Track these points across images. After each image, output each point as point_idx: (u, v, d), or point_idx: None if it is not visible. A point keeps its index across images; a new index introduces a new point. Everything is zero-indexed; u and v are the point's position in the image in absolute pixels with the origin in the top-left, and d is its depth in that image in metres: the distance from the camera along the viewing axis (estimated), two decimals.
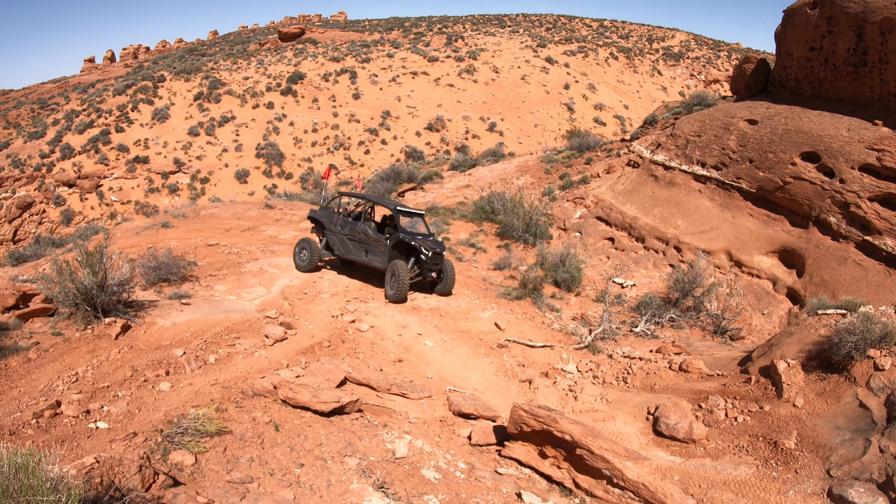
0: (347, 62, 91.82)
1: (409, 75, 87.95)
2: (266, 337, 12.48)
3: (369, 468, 7.96)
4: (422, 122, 76.73)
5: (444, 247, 18.07)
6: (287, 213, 25.03)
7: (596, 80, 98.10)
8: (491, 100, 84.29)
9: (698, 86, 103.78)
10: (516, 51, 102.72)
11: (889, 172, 18.09)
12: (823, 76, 21.71)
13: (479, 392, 12.75)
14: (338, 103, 78.78)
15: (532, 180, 30.79)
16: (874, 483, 8.45)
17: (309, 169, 65.58)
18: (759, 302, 19.20)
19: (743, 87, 26.67)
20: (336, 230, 18.48)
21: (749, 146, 22.04)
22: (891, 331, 10.88)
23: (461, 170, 38.17)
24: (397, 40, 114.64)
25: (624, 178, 26.16)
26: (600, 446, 8.52)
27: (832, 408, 10.44)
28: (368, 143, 72.07)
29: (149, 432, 7.71)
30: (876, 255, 17.70)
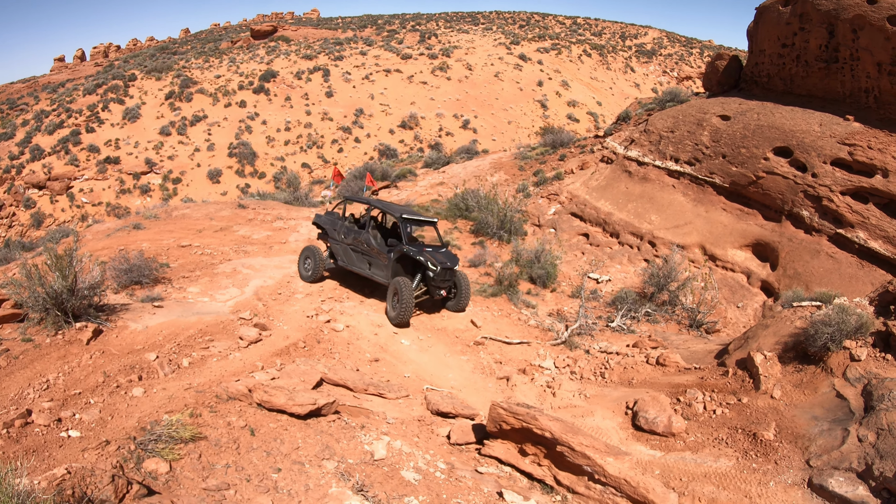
0: (320, 60, 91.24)
1: (382, 73, 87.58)
2: (240, 339, 12.29)
3: (348, 471, 7.85)
4: (395, 120, 76.45)
5: (456, 260, 16.45)
6: (260, 213, 24.79)
7: (569, 77, 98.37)
8: (464, 97, 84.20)
9: (671, 82, 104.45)
10: (490, 48, 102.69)
11: (861, 167, 18.27)
12: (795, 72, 21.88)
13: (457, 390, 12.67)
14: (311, 101, 78.26)
15: (506, 177, 30.79)
16: (854, 472, 8.50)
17: (282, 168, 65.06)
18: (734, 295, 19.31)
19: (715, 83, 26.84)
20: (339, 238, 17.16)
21: (722, 141, 22.17)
22: (866, 322, 10.95)
23: (435, 167, 38.12)
24: (370, 38, 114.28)
25: (598, 174, 26.21)
26: (580, 443, 8.46)
27: (810, 399, 10.50)
28: (342, 141, 71.67)
29: (122, 440, 7.55)
30: (848, 247, 17.86)
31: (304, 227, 22.82)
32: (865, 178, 18.09)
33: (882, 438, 8.77)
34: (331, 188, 25.51)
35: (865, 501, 7.96)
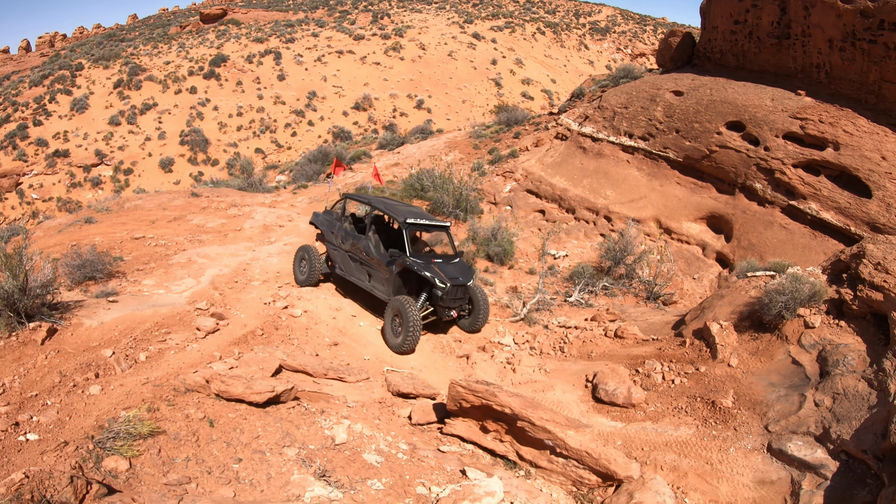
0: (271, 43, 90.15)
1: (334, 54, 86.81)
2: (197, 329, 12.07)
3: (309, 457, 7.73)
4: (349, 102, 75.88)
5: (471, 273, 14.55)
6: (214, 201, 24.40)
7: (523, 55, 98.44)
8: (418, 77, 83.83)
9: (625, 59, 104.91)
10: (443, 27, 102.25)
11: (812, 140, 18.49)
12: (748, 48, 22.08)
13: (418, 370, 12.62)
14: (262, 85, 77.32)
15: (461, 156, 30.72)
16: (812, 436, 8.59)
17: (235, 154, 64.24)
18: (690, 267, 19.49)
19: (669, 59, 26.99)
20: (336, 243, 15.56)
21: (675, 117, 22.30)
22: (819, 290, 11.07)
23: (389, 148, 37.96)
24: (322, 19, 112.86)
25: (553, 151, 26.23)
26: (541, 417, 8.44)
27: (766, 366, 10.60)
28: (295, 125, 70.99)
29: (80, 440, 7.35)
30: (801, 218, 18.09)
31: (258, 213, 22.54)
32: (817, 151, 18.31)
33: (838, 402, 8.88)
34: (329, 182, 24.58)
35: (824, 464, 8.04)
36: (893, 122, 17.84)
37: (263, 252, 18.06)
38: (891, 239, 11.63)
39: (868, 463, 7.73)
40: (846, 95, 19.00)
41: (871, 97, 18.40)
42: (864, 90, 18.50)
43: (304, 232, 20.15)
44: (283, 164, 49.39)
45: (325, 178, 31.64)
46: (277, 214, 22.77)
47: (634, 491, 7.98)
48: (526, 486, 8.19)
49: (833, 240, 17.17)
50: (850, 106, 18.61)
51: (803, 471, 8.16)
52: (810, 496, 7.74)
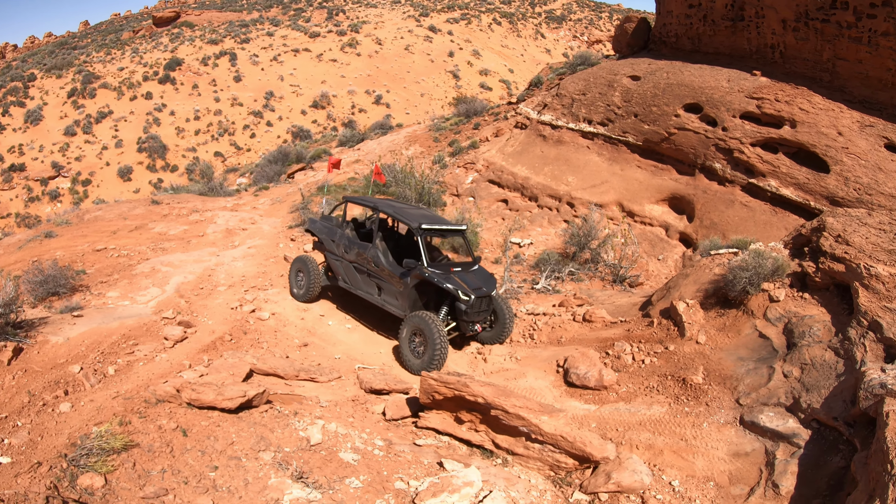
0: (226, 44, 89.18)
1: (290, 53, 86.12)
2: (165, 339, 11.85)
3: (285, 460, 7.66)
4: (307, 101, 75.37)
5: (494, 282, 13.34)
6: (175, 208, 24.03)
7: (480, 46, 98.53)
8: (375, 72, 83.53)
9: (581, 47, 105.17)
10: (399, 21, 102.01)
11: (769, 118, 18.73)
12: (703, 31, 22.32)
13: (389, 366, 12.57)
14: (219, 87, 76.44)
15: (422, 149, 30.69)
16: (783, 406, 8.70)
17: (194, 159, 63.40)
18: (654, 248, 19.64)
19: (625, 45, 27.18)
20: (339, 253, 14.21)
21: (633, 101, 22.44)
22: (782, 264, 11.22)
23: (350, 145, 37.80)
24: (277, 18, 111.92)
25: (513, 140, 26.28)
26: (514, 404, 8.45)
27: (734, 341, 10.71)
28: (253, 126, 70.30)
29: (53, 459, 7.18)
30: (761, 195, 18.31)
31: (220, 218, 22.24)
32: (774, 130, 18.54)
33: (806, 372, 9.00)
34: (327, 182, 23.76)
35: (796, 433, 8.14)
36: (848, 99, 18.14)
37: (228, 257, 17.81)
38: (850, 211, 11.82)
39: (839, 429, 7.83)
40: (801, 74, 19.28)
41: (825, 75, 18.68)
42: (819, 68, 18.79)
43: (268, 234, 19.94)
44: (244, 167, 48.96)
45: (287, 179, 31.40)
46: (240, 218, 22.51)
47: (612, 471, 8.04)
48: (504, 474, 8.21)
49: (794, 215, 17.40)
50: (806, 84, 18.89)
51: (776, 441, 8.25)
52: (785, 465, 7.82)
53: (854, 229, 10.83)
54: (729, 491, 7.97)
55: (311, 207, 21.17)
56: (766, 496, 7.61)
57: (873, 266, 9.60)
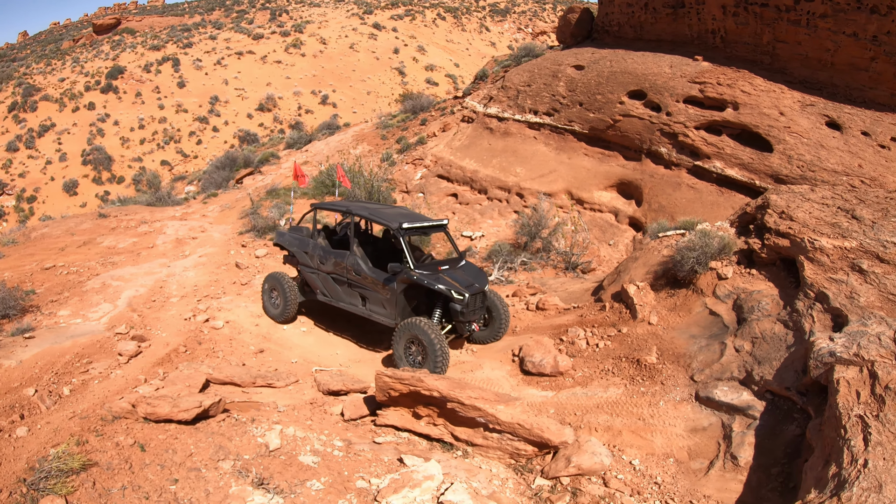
0: (169, 49, 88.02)
1: (234, 56, 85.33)
2: (120, 355, 11.67)
3: (245, 467, 7.55)
4: (252, 104, 74.75)
5: (485, 277, 12.77)
6: (123, 220, 23.55)
7: (425, 41, 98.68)
8: (321, 72, 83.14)
9: (526, 39, 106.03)
10: (343, 20, 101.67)
11: (712, 102, 19.00)
12: (644, 19, 22.55)
13: (346, 367, 12.50)
14: (163, 94, 75.37)
15: (370, 148, 30.56)
16: (736, 380, 8.81)
17: (141, 169, 62.32)
18: (605, 234, 19.79)
19: (569, 35, 27.31)
20: (314, 265, 13.44)
21: (578, 90, 22.58)
22: (728, 243, 11.37)
23: (297, 147, 37.45)
24: (219, 20, 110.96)
25: (460, 134, 26.30)
26: (469, 396, 8.44)
27: (685, 319, 10.82)
28: (199, 132, 69.49)
29: (13, 485, 7.01)
30: (707, 177, 18.57)
31: (170, 228, 21.86)
32: (717, 112, 18.81)
33: (757, 346, 9.11)
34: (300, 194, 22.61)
35: (751, 405, 8.25)
36: (789, 80, 18.48)
37: (179, 267, 17.53)
38: (793, 188, 12.03)
39: (793, 399, 7.96)
40: (742, 57, 19.59)
41: (765, 57, 19.00)
42: (759, 51, 19.11)
43: (219, 241, 19.68)
44: (191, 174, 48.33)
45: (235, 184, 31.01)
46: (189, 227, 22.18)
47: (571, 455, 8.06)
48: (465, 466, 8.18)
49: (739, 194, 17.66)
50: (747, 67, 19.19)
51: (732, 414, 8.35)
52: (742, 437, 7.92)
53: (798, 205, 11.00)
54: (689, 466, 8.05)
55: (261, 212, 20.91)
56: (726, 468, 7.70)
57: (817, 239, 9.76)
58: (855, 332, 7.66)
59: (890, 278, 8.50)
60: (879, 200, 10.83)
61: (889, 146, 16.21)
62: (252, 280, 16.23)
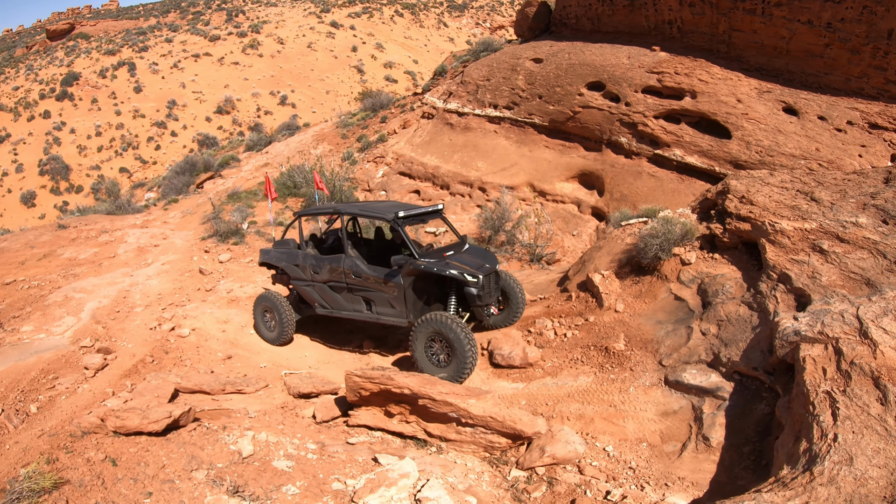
0: (124, 53, 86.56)
1: (191, 59, 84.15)
2: (86, 369, 11.45)
3: (219, 476, 7.47)
4: (211, 107, 73.88)
5: (494, 257, 12.01)
6: (83, 230, 23.10)
7: (383, 39, 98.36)
8: (279, 73, 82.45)
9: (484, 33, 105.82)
10: (300, 19, 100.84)
11: (670, 91, 19.21)
12: (602, 11, 22.71)
13: (315, 368, 12.43)
14: (119, 100, 74.07)
15: (330, 147, 30.39)
16: (704, 363, 8.92)
17: (99, 177, 61.25)
18: (568, 225, 19.90)
19: (527, 29, 27.41)
20: (308, 276, 12.67)
21: (537, 83, 22.68)
22: (690, 228, 11.48)
23: (258, 149, 37.10)
24: (175, 23, 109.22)
25: (421, 131, 26.30)
26: (440, 391, 8.45)
27: (651, 306, 10.91)
28: (158, 137, 68.52)
29: None
30: (667, 165, 18.76)
31: (131, 236, 21.50)
32: (676, 101, 19.01)
33: (723, 328, 9.23)
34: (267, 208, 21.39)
35: (720, 386, 8.36)
36: (745, 68, 18.73)
37: (142, 275, 17.26)
38: (752, 173, 12.18)
39: (761, 378, 8.07)
40: (699, 47, 19.80)
41: (722, 46, 19.23)
42: (716, 40, 19.33)
43: (181, 248, 19.40)
44: (151, 181, 47.59)
45: (196, 189, 30.66)
46: (151, 234, 21.86)
47: (545, 445, 8.11)
48: (440, 461, 8.19)
49: (700, 181, 17.87)
50: (704, 56, 19.42)
51: (702, 396, 8.46)
52: (713, 418, 8.02)
53: (757, 189, 11.15)
54: (662, 449, 8.13)
55: (223, 216, 20.67)
56: (699, 449, 7.78)
57: (778, 222, 9.90)
58: (818, 311, 7.79)
59: (850, 257, 8.65)
60: (837, 182, 11.01)
61: (845, 129, 16.50)
62: (216, 286, 16.06)
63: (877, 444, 5.61)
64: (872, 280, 8.07)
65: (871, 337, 6.88)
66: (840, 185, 10.84)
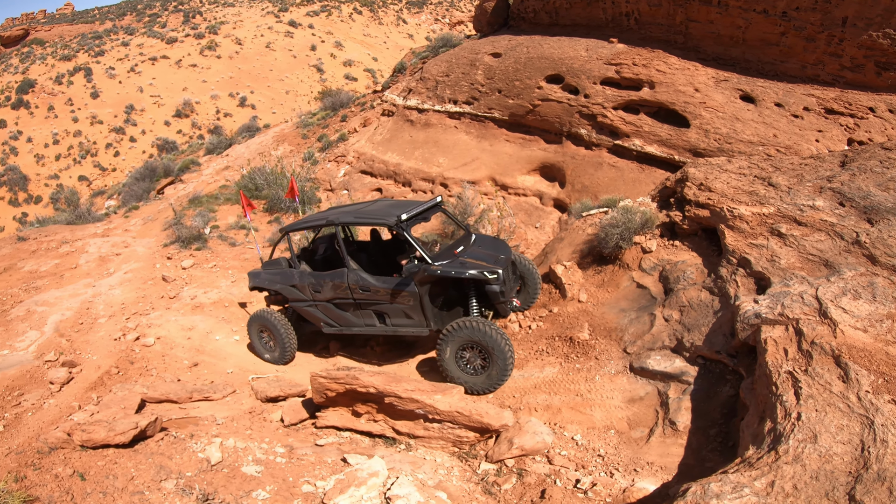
0: (80, 58, 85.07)
1: (148, 62, 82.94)
2: (51, 383, 11.25)
3: (189, 485, 7.39)
4: (169, 111, 72.96)
5: (507, 245, 11.50)
6: (44, 242, 22.68)
7: (342, 37, 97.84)
8: (238, 74, 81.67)
9: (444, 29, 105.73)
10: (258, 19, 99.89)
11: (628, 82, 19.29)
12: (559, 5, 22.76)
13: (283, 372, 12.37)
14: (76, 106, 72.83)
15: (291, 148, 30.21)
16: (668, 349, 9.03)
17: (58, 186, 60.08)
18: (531, 217, 19.95)
19: (485, 24, 27.41)
20: (308, 297, 11.92)
21: (496, 78, 22.71)
22: (650, 217, 11.61)
23: (218, 152, 36.78)
24: (131, 26, 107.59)
25: (381, 129, 26.24)
26: (406, 389, 8.47)
27: (614, 295, 11.01)
28: (116, 143, 67.50)
29: None
30: (627, 155, 18.86)
31: (92, 246, 21.14)
32: (634, 92, 19.11)
33: (685, 314, 9.33)
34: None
35: (684, 371, 8.46)
36: (702, 57, 18.90)
37: (104, 285, 17.01)
38: (710, 161, 12.34)
39: (724, 362, 8.19)
40: (656, 38, 19.94)
41: (679, 37, 19.39)
42: (673, 31, 19.48)
43: (143, 256, 19.14)
44: (111, 188, 46.95)
45: (156, 195, 30.29)
46: (112, 243, 21.54)
47: (513, 437, 8.15)
48: (409, 459, 8.20)
49: (660, 170, 17.98)
50: (661, 47, 19.55)
51: (667, 381, 8.56)
52: (679, 402, 8.12)
53: (715, 176, 11.30)
54: (630, 435, 8.21)
55: (185, 222, 20.43)
56: (666, 434, 7.86)
57: (736, 208, 10.03)
58: (778, 293, 7.90)
59: (808, 240, 8.78)
60: (794, 167, 11.18)
61: (802, 115, 16.71)
62: (180, 293, 15.90)
63: (840, 420, 5.70)
64: (831, 261, 8.20)
65: (830, 316, 7.00)
66: (797, 169, 11.01)
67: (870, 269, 7.74)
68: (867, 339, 6.60)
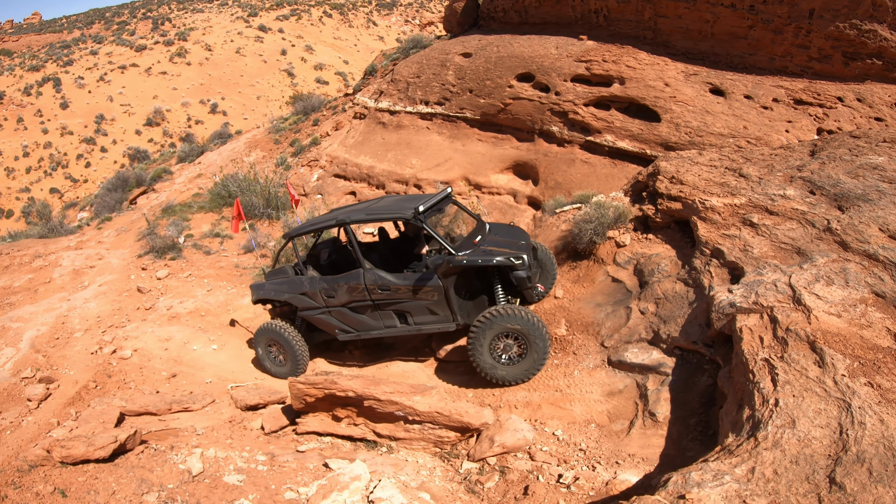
0: (49, 69, 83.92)
1: (117, 70, 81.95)
2: (29, 400, 11.19)
3: (171, 497, 7.34)
4: (140, 119, 72.14)
5: (522, 230, 11.60)
6: (16, 257, 22.36)
7: (312, 41, 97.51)
8: (208, 80, 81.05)
9: (414, 30, 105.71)
10: (227, 24, 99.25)
11: (598, 79, 19.37)
12: (529, 3, 22.85)
13: (262, 379, 12.34)
14: (45, 117, 71.69)
15: (263, 154, 30.08)
16: (645, 341, 9.10)
17: (29, 200, 59.30)
18: (505, 216, 19.98)
19: (456, 24, 27.45)
20: (321, 303, 11.55)
21: (467, 77, 22.74)
22: (623, 211, 11.70)
23: (190, 160, 36.48)
24: (100, 34, 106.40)
25: (353, 132, 26.20)
26: (385, 391, 8.46)
27: (589, 290, 11.08)
28: (87, 154, 66.63)
29: None
30: (599, 151, 18.93)
31: (65, 259, 20.91)
32: (605, 88, 19.19)
33: (661, 306, 9.40)
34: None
35: (662, 362, 8.54)
36: (672, 52, 19.03)
37: (79, 299, 16.84)
38: (681, 154, 12.46)
39: (701, 352, 8.27)
40: (626, 34, 20.06)
41: (648, 33, 19.52)
42: (642, 27, 19.60)
43: (118, 267, 18.96)
44: (83, 200, 46.42)
45: (129, 205, 30.02)
46: (86, 255, 21.32)
47: (494, 435, 8.15)
48: (391, 461, 8.19)
49: (633, 165, 18.05)
50: (630, 43, 19.66)
51: (645, 373, 8.64)
52: (657, 394, 8.18)
53: (687, 169, 11.40)
54: (611, 428, 8.25)
55: (159, 231, 20.26)
56: (646, 425, 7.92)
57: (708, 199, 10.12)
58: (752, 282, 7.98)
59: (780, 228, 8.88)
60: (765, 157, 11.31)
61: (771, 107, 16.85)
62: (156, 304, 15.77)
63: (818, 405, 5.76)
64: (803, 249, 8.29)
65: (804, 303, 7.08)
66: (768, 160, 11.13)
67: (842, 256, 7.84)
68: (841, 324, 6.68)
